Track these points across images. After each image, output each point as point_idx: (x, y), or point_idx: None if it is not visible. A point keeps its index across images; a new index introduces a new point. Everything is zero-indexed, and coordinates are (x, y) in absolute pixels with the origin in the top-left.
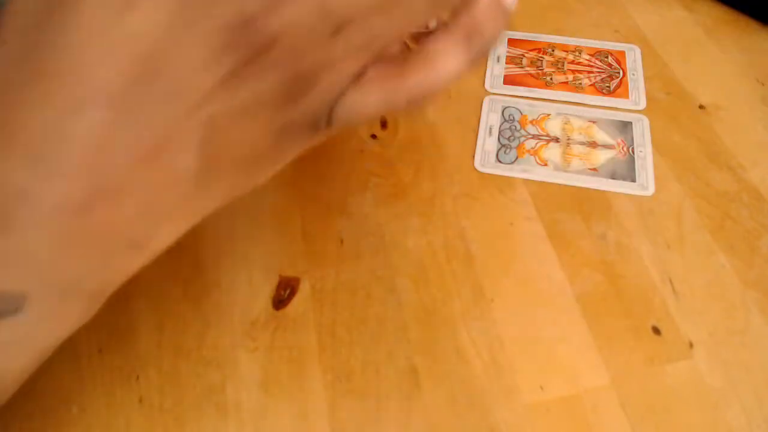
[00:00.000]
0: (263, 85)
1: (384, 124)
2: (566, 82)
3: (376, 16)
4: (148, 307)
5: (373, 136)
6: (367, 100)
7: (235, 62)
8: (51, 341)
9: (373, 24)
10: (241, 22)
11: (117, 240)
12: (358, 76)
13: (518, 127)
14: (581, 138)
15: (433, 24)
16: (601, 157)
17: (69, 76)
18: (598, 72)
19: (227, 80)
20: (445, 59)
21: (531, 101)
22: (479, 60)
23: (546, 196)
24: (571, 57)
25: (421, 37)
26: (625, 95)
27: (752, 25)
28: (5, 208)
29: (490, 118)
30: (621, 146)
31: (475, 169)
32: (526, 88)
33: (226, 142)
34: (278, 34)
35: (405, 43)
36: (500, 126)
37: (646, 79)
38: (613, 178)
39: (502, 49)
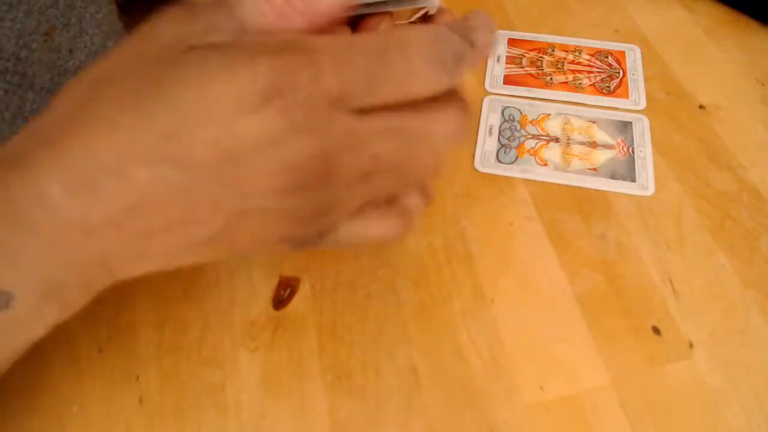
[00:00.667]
0: (298, 204)
1: None
2: (566, 82)
3: (393, 175)
4: (148, 308)
5: None
6: (362, 234)
7: (298, 182)
8: (26, 339)
9: (383, 182)
10: (320, 155)
11: (102, 264)
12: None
13: (518, 127)
14: (581, 138)
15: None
16: (601, 157)
17: (160, 129)
18: (598, 72)
19: (281, 191)
20: (414, 204)
21: (531, 101)
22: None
23: (546, 196)
24: (571, 57)
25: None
26: (625, 95)
27: (752, 25)
28: (27, 208)
29: (490, 118)
30: (621, 146)
31: (475, 169)
32: (526, 88)
33: (236, 236)
34: (335, 170)
35: None
36: (500, 126)
37: (646, 79)
38: (613, 178)
39: (502, 49)
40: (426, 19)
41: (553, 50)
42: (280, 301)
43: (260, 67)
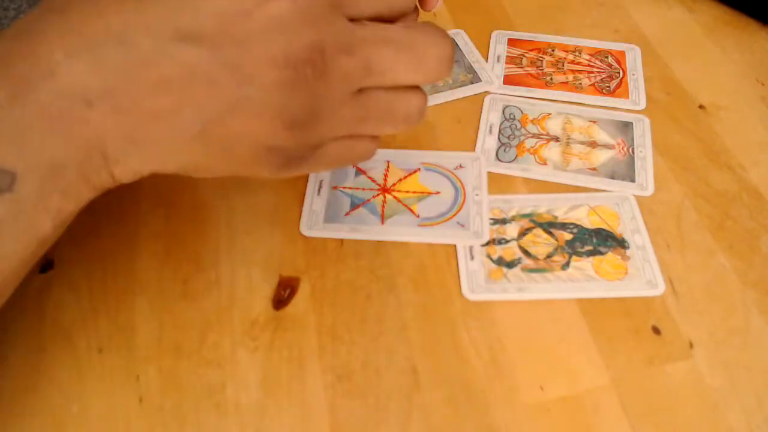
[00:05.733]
0: (289, 101)
1: None
2: (566, 82)
3: (377, 103)
4: (148, 307)
5: None
6: (348, 153)
7: (294, 73)
8: (36, 227)
9: (373, 107)
10: (319, 47)
11: (96, 145)
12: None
13: (519, 125)
14: (581, 138)
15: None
16: (601, 156)
17: (184, 3)
18: (598, 72)
19: (278, 81)
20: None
21: (532, 100)
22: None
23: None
24: (571, 57)
25: None
26: (625, 95)
27: (752, 25)
28: (31, 77)
29: (491, 116)
30: (621, 146)
31: None
32: (526, 88)
33: (227, 130)
34: (331, 70)
35: None
36: (500, 124)
37: (646, 79)
38: (613, 178)
39: (502, 49)
40: None
41: (553, 50)
42: (280, 301)
43: None
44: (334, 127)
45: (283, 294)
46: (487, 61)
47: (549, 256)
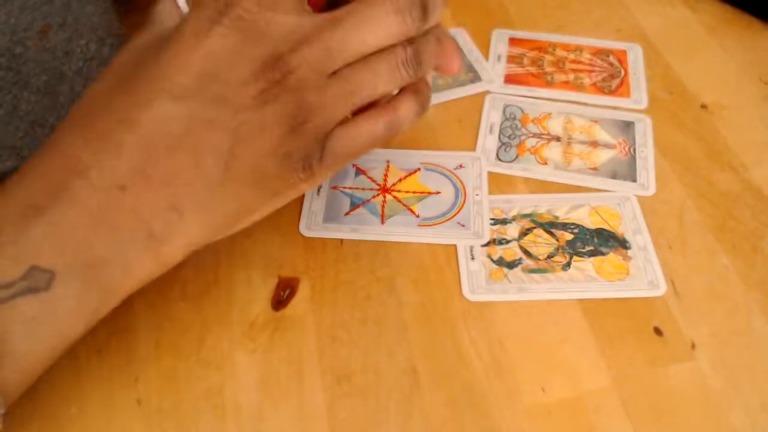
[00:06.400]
0: (278, 107)
1: None
2: (567, 82)
3: (357, 71)
4: (147, 308)
5: None
6: (354, 133)
7: (266, 83)
8: (68, 328)
9: (355, 77)
10: (274, 55)
11: (140, 226)
12: (344, 121)
13: (519, 125)
14: (582, 137)
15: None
16: (602, 156)
17: (151, 78)
18: (600, 71)
19: (258, 96)
20: (405, 106)
21: (533, 100)
22: (424, 110)
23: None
24: (572, 56)
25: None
26: (627, 94)
27: (755, 24)
28: (65, 181)
29: (492, 115)
30: (622, 146)
31: None
32: (527, 88)
33: (244, 156)
34: (295, 67)
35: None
36: (501, 124)
37: (648, 78)
38: (614, 178)
39: (503, 48)
40: None
41: (554, 49)
42: (279, 302)
43: (203, 6)
44: (328, 110)
45: (283, 295)
46: (487, 60)
47: (550, 256)
